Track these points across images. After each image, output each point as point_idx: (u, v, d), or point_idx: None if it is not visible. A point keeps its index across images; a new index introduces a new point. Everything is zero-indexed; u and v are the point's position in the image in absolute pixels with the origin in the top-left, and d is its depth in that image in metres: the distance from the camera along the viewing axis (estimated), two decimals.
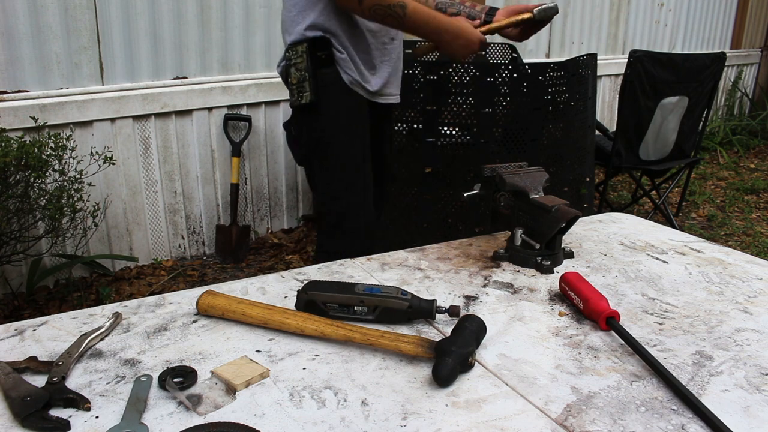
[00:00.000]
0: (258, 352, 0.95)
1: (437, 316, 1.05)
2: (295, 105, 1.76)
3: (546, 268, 1.25)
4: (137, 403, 0.80)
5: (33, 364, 0.89)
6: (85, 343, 0.94)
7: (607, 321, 1.01)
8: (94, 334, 0.97)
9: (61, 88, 2.84)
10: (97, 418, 0.79)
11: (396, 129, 2.76)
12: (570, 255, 1.34)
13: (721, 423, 0.77)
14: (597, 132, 3.53)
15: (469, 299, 1.14)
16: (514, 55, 4.04)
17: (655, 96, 3.47)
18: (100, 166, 2.75)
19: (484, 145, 2.79)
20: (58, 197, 2.44)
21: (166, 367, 0.90)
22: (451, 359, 0.86)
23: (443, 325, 1.03)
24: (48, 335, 0.99)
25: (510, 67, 3.15)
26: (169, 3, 3.07)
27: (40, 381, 0.85)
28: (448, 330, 0.96)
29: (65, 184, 2.50)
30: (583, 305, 1.06)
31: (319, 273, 1.25)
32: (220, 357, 0.93)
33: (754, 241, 3.75)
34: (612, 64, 5.10)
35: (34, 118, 2.60)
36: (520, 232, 1.30)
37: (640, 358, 0.92)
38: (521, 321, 1.06)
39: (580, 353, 0.95)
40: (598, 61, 3.23)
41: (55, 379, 0.84)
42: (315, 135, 1.77)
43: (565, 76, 2.89)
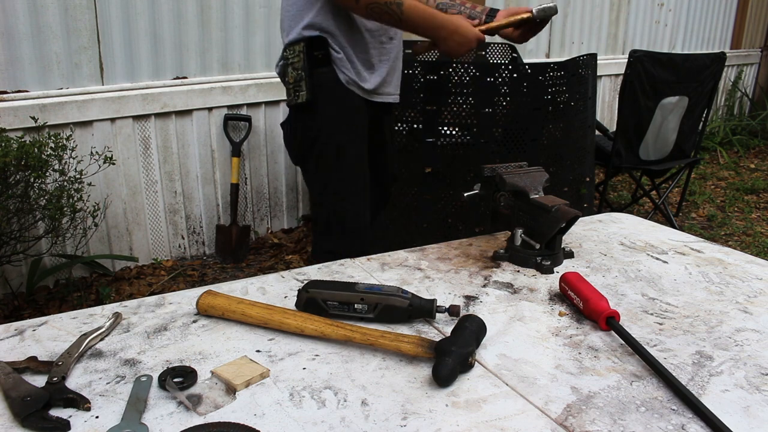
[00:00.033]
0: (258, 352, 0.95)
1: (437, 315, 1.05)
2: (291, 104, 1.76)
3: (546, 268, 1.25)
4: (137, 403, 0.80)
5: (33, 364, 0.89)
6: (85, 343, 0.94)
7: (607, 321, 1.01)
8: (94, 334, 0.97)
9: (61, 88, 2.84)
10: (97, 418, 0.79)
11: (396, 129, 2.76)
12: (570, 255, 1.34)
13: (721, 423, 0.77)
14: (597, 132, 3.53)
15: (469, 299, 1.14)
16: (514, 55, 4.04)
17: (655, 96, 3.47)
18: (100, 166, 2.75)
19: (484, 145, 2.79)
20: (58, 197, 2.44)
21: (166, 367, 0.90)
22: (451, 359, 0.86)
23: (443, 325, 1.03)
24: (48, 335, 0.99)
25: (510, 67, 3.15)
26: (169, 3, 3.07)
27: (40, 381, 0.85)
28: (448, 330, 0.96)
29: (65, 184, 2.50)
30: (583, 305, 1.06)
31: (319, 273, 1.25)
32: (220, 357, 0.93)
33: (754, 241, 3.75)
34: (612, 64, 5.10)
35: (34, 118, 2.60)
36: (520, 232, 1.30)
37: (640, 358, 0.92)
38: (521, 321, 1.06)
39: (580, 353, 0.95)
40: (598, 61, 3.23)
41: (55, 379, 0.84)
42: (311, 134, 1.77)
43: (565, 76, 2.89)
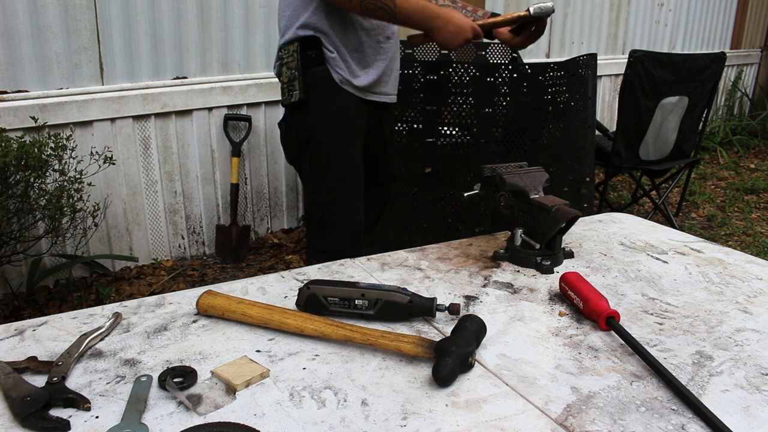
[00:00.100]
0: (258, 352, 0.95)
1: (437, 315, 1.05)
2: (285, 103, 1.77)
3: (546, 268, 1.25)
4: (137, 403, 0.80)
5: (33, 364, 0.89)
6: (85, 343, 0.94)
7: (607, 321, 1.01)
8: (94, 334, 0.97)
9: (61, 88, 2.84)
10: (97, 418, 0.79)
11: (396, 129, 2.76)
12: (570, 255, 1.34)
13: (721, 423, 0.77)
14: (597, 132, 3.53)
15: (469, 299, 1.14)
16: (514, 55, 4.04)
17: (655, 96, 3.47)
18: (100, 166, 2.75)
19: (484, 145, 2.79)
20: (58, 197, 2.44)
21: (166, 367, 0.90)
22: (451, 359, 0.86)
23: (443, 325, 1.03)
24: (48, 335, 0.99)
25: (510, 67, 3.15)
26: (169, 3, 3.07)
27: (40, 381, 0.85)
28: (448, 330, 0.96)
29: (65, 184, 2.50)
30: (583, 305, 1.06)
31: (319, 273, 1.25)
32: (220, 357, 0.93)
33: (754, 241, 3.75)
34: (612, 64, 5.10)
35: (34, 118, 2.60)
36: (520, 232, 1.30)
37: (640, 358, 0.92)
38: (521, 321, 1.06)
39: (580, 353, 0.95)
40: (598, 61, 3.23)
41: (55, 379, 0.84)
42: (304, 133, 1.78)
43: (565, 76, 2.89)
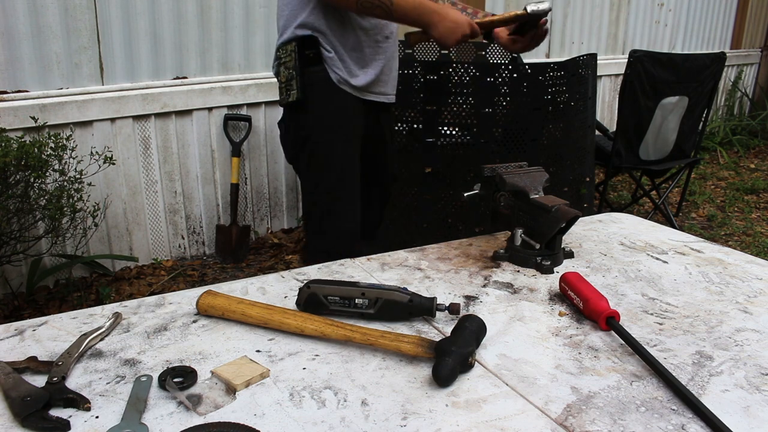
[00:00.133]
0: (258, 352, 0.95)
1: (437, 314, 1.05)
2: (283, 103, 1.77)
3: (546, 268, 1.25)
4: (137, 403, 0.80)
5: (33, 364, 0.89)
6: (85, 343, 0.94)
7: (607, 321, 1.01)
8: (94, 334, 0.97)
9: (61, 88, 2.84)
10: (97, 418, 0.79)
11: (396, 129, 2.76)
12: (570, 255, 1.34)
13: (721, 423, 0.77)
14: (597, 132, 3.53)
15: (469, 299, 1.14)
16: (514, 55, 4.04)
17: (655, 96, 3.47)
18: (100, 166, 2.75)
19: (484, 145, 2.79)
20: (58, 197, 2.44)
21: (166, 367, 0.90)
22: (451, 359, 0.86)
23: (443, 325, 1.03)
24: (48, 335, 0.99)
25: (510, 67, 3.14)
26: (169, 3, 3.07)
27: (40, 381, 0.85)
28: (448, 330, 0.96)
29: (65, 184, 2.50)
30: (583, 305, 1.06)
31: (319, 273, 1.25)
32: (220, 357, 0.93)
33: (754, 241, 3.75)
34: (612, 64, 5.10)
35: (34, 118, 2.60)
36: (520, 232, 1.30)
37: (640, 358, 0.92)
38: (521, 321, 1.06)
39: (580, 353, 0.95)
40: (598, 61, 3.23)
41: (55, 379, 0.84)
42: (302, 133, 1.78)
43: (565, 76, 2.89)
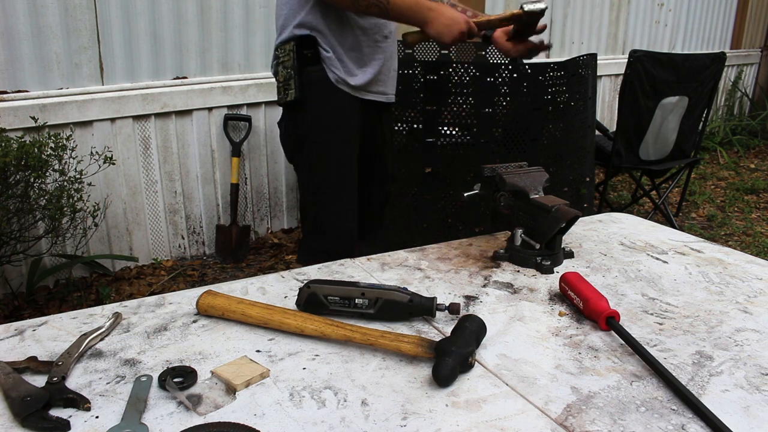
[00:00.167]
0: (258, 352, 0.95)
1: (437, 314, 1.05)
2: (281, 102, 1.78)
3: (546, 268, 1.25)
4: (137, 403, 0.80)
5: (33, 364, 0.89)
6: (85, 343, 0.94)
7: (607, 321, 1.01)
8: (94, 334, 0.97)
9: (61, 88, 2.84)
10: (97, 418, 0.79)
11: (396, 129, 2.76)
12: (570, 255, 1.34)
13: (721, 423, 0.77)
14: (597, 132, 3.53)
15: (469, 299, 1.14)
16: None
17: (655, 96, 3.47)
18: (100, 166, 2.75)
19: (484, 145, 2.79)
20: (58, 197, 2.44)
21: (166, 367, 0.90)
22: (451, 359, 0.86)
23: (443, 325, 1.03)
24: (48, 335, 0.99)
25: (510, 67, 3.14)
26: (169, 3, 3.07)
27: (40, 381, 0.85)
28: (448, 330, 0.96)
29: (65, 184, 2.50)
30: (583, 305, 1.06)
31: (319, 273, 1.25)
32: (220, 357, 0.93)
33: (754, 241, 3.75)
34: (612, 64, 5.10)
35: (34, 118, 2.60)
36: (520, 232, 1.30)
37: (640, 358, 0.92)
38: (521, 321, 1.06)
39: (580, 353, 0.95)
40: (598, 61, 3.23)
41: (55, 379, 0.84)
42: (300, 132, 1.79)
43: (565, 76, 2.89)
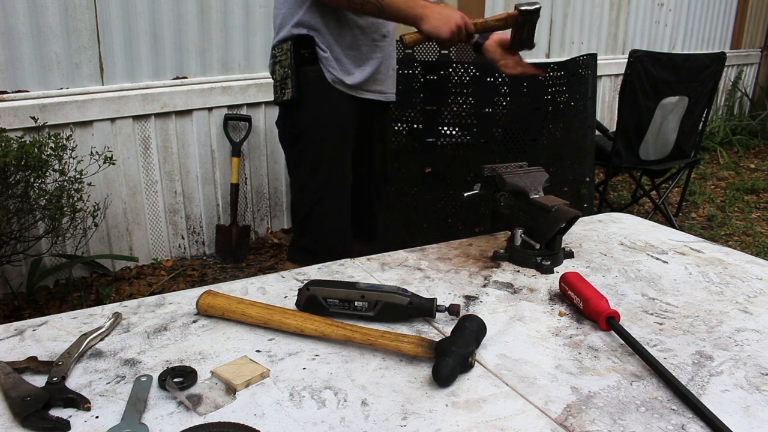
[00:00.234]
0: (258, 352, 0.95)
1: (437, 315, 1.05)
2: (278, 101, 1.78)
3: (546, 268, 1.25)
4: (137, 403, 0.80)
5: (33, 364, 0.89)
6: (85, 343, 0.94)
7: (607, 321, 1.01)
8: (94, 334, 0.97)
9: (61, 88, 2.84)
10: (97, 418, 0.79)
11: (396, 129, 2.76)
12: (570, 255, 1.34)
13: (721, 423, 0.77)
14: (597, 132, 3.53)
15: (469, 299, 1.14)
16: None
17: (655, 96, 3.47)
18: (100, 166, 2.74)
19: (484, 145, 2.79)
20: (58, 197, 2.44)
21: (166, 367, 0.90)
22: (451, 359, 0.86)
23: (443, 325, 1.03)
24: (48, 335, 0.99)
25: None
26: (169, 3, 3.07)
27: (40, 381, 0.85)
28: (448, 330, 0.96)
29: (65, 184, 2.50)
30: (583, 305, 1.06)
31: (319, 273, 1.25)
32: (220, 357, 0.93)
33: (754, 241, 3.75)
34: (612, 64, 5.10)
35: (34, 118, 2.60)
36: (520, 232, 1.30)
37: (640, 358, 0.92)
38: (521, 321, 1.06)
39: (580, 353, 0.95)
40: (598, 61, 3.23)
41: (55, 379, 0.84)
42: (295, 131, 1.79)
43: (565, 76, 2.89)
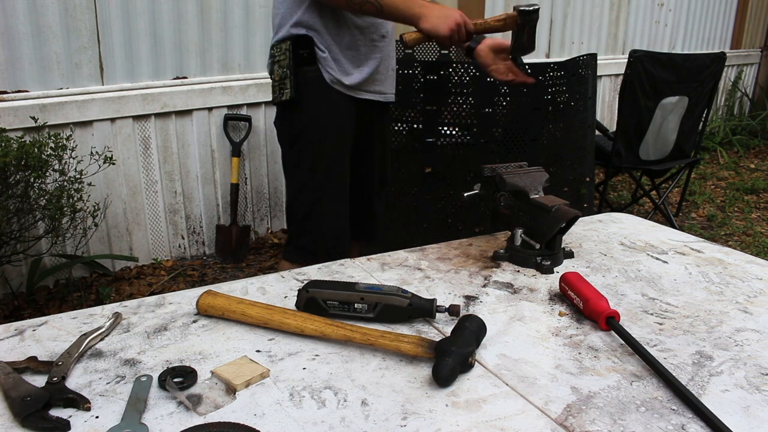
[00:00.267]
0: (258, 352, 0.95)
1: (437, 315, 1.05)
2: (276, 101, 1.78)
3: (546, 268, 1.25)
4: (137, 403, 0.80)
5: (33, 364, 0.89)
6: (85, 343, 0.94)
7: (607, 321, 1.01)
8: (94, 334, 0.97)
9: (61, 88, 2.84)
10: (97, 418, 0.79)
11: (396, 129, 2.76)
12: (570, 255, 1.34)
13: (721, 423, 0.77)
14: (597, 132, 3.53)
15: (469, 299, 1.13)
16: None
17: (655, 96, 3.47)
18: (100, 166, 2.74)
19: (484, 145, 2.79)
20: (58, 197, 2.44)
21: (166, 367, 0.90)
22: (451, 359, 0.86)
23: (443, 325, 1.03)
24: (48, 335, 0.99)
25: None
26: (169, 3, 3.07)
27: (40, 381, 0.85)
28: (448, 330, 0.96)
29: (65, 184, 2.50)
30: (583, 305, 1.06)
31: (319, 273, 1.25)
32: (220, 357, 0.93)
33: (754, 241, 3.75)
34: (612, 64, 5.10)
35: (34, 118, 2.60)
36: (520, 232, 1.30)
37: (640, 358, 0.92)
38: (521, 321, 1.06)
39: (580, 353, 0.95)
40: (598, 61, 3.23)
41: (55, 379, 0.84)
42: (294, 132, 1.79)
43: (565, 76, 2.89)
